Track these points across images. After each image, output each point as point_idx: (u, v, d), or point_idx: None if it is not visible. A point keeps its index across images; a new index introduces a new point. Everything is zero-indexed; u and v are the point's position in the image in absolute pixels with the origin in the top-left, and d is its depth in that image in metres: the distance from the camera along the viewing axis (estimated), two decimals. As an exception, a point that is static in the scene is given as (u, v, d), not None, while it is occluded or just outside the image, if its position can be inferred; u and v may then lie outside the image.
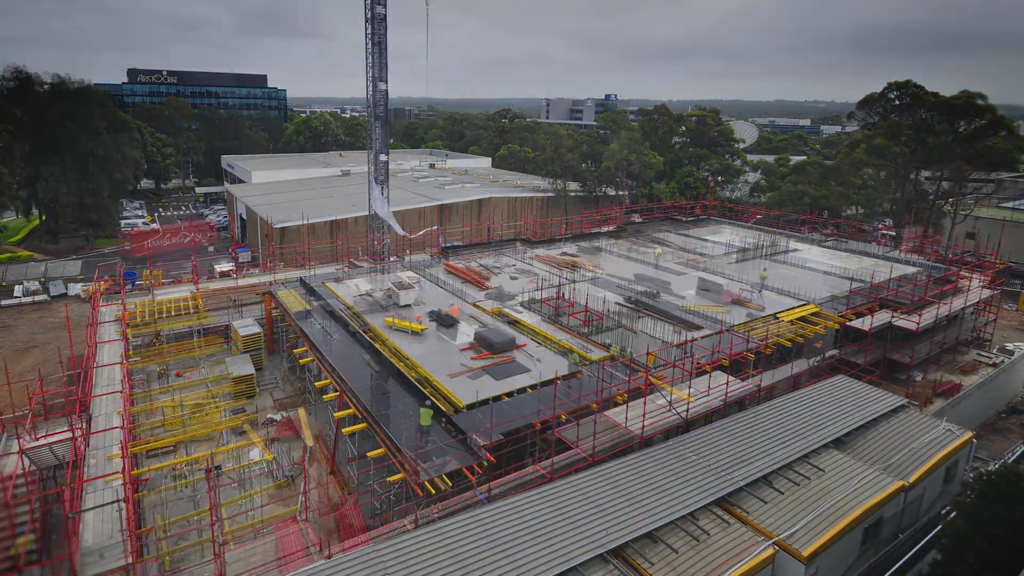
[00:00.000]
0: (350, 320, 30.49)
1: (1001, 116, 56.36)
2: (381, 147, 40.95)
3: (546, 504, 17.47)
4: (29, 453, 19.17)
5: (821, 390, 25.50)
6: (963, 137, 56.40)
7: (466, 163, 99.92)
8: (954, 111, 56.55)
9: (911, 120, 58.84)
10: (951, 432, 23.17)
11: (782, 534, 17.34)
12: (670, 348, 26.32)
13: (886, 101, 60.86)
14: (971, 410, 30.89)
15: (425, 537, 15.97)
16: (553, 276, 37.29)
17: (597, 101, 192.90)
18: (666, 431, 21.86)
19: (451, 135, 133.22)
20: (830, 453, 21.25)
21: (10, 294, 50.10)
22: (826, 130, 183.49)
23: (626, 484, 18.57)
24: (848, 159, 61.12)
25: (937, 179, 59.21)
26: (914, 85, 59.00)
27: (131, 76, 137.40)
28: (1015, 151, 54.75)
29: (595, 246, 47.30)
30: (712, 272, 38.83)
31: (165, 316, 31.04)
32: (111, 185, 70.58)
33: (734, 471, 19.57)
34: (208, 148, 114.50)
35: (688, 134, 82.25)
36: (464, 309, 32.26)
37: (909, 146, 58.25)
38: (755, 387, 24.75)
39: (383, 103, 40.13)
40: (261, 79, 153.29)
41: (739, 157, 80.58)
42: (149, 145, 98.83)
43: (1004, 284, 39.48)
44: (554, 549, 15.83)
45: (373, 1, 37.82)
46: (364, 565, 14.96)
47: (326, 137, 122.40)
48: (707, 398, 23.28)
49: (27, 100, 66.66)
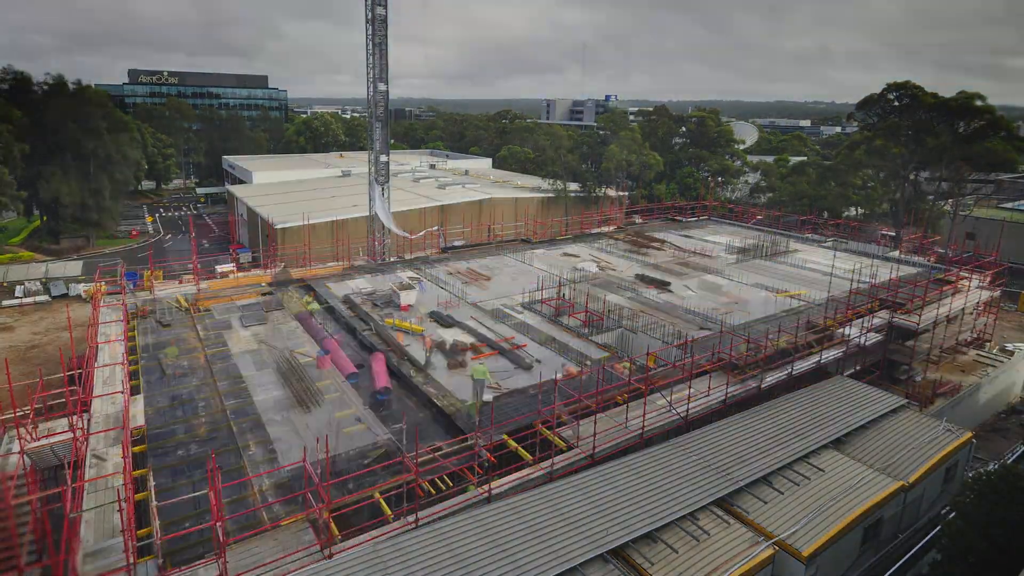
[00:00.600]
0: (351, 320, 30.56)
1: (1000, 117, 56.45)
2: (382, 148, 41.02)
3: (546, 504, 17.52)
4: (30, 453, 19.22)
5: (821, 390, 25.54)
6: (962, 138, 56.46)
7: (466, 164, 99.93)
8: (953, 112, 56.64)
9: (910, 121, 58.92)
10: (951, 432, 23.21)
11: (782, 534, 17.38)
12: (670, 348, 26.37)
13: (885, 102, 60.95)
14: (971, 410, 30.93)
15: (425, 537, 16.03)
16: (553, 276, 37.36)
17: (597, 102, 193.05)
18: (666, 431, 21.90)
19: (451, 136, 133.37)
20: (830, 453, 21.29)
21: (11, 294, 50.17)
22: (826, 131, 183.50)
23: (626, 484, 18.62)
24: (847, 160, 61.22)
25: (936, 180, 59.27)
26: (913, 86, 59.11)
27: (132, 76, 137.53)
28: (1014, 152, 54.82)
29: (597, 245, 47.35)
30: (712, 273, 38.92)
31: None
32: (112, 185, 70.67)
33: (734, 471, 19.61)
34: (209, 149, 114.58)
35: (688, 135, 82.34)
36: (465, 311, 32.33)
37: (908, 147, 58.31)
38: (755, 388, 24.78)
39: (383, 104, 40.20)
40: (262, 79, 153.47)
41: (739, 158, 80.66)
42: (150, 145, 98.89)
43: (1004, 284, 39.49)
44: (554, 549, 15.88)
45: (374, 2, 37.89)
46: (364, 564, 15.01)
47: (327, 138, 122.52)
48: (707, 398, 23.33)
49: (27, 100, 66.74)
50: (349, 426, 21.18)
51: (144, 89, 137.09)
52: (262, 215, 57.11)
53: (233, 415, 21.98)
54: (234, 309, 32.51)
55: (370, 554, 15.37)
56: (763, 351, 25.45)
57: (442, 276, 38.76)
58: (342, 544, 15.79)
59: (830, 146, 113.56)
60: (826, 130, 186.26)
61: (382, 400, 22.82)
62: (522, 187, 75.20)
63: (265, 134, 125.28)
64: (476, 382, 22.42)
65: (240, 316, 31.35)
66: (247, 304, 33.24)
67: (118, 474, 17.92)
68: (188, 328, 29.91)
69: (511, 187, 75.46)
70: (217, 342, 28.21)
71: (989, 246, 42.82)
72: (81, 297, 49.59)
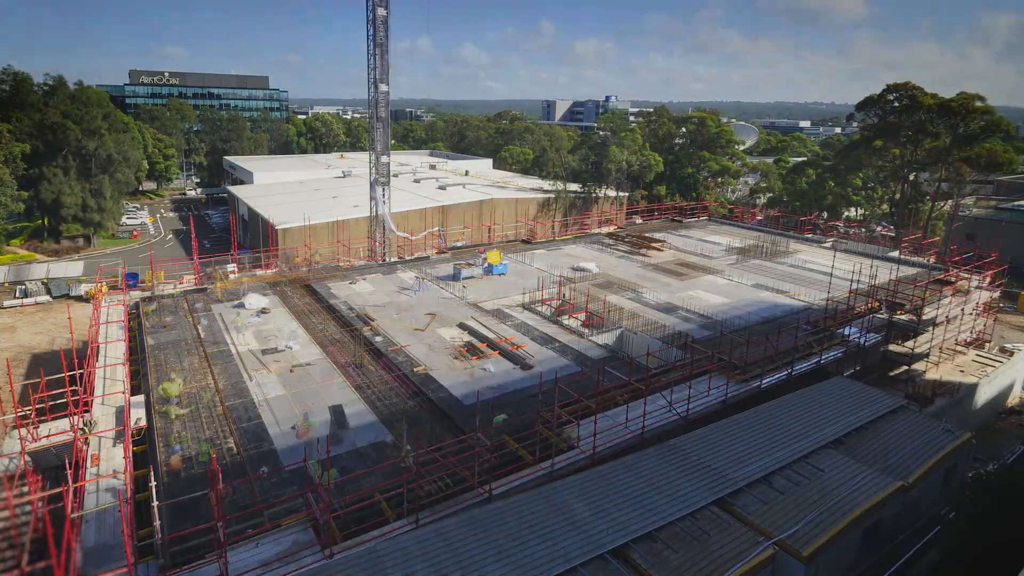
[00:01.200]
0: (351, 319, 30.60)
1: (999, 118, 56.49)
2: (382, 148, 41.09)
3: (546, 504, 17.55)
4: (31, 453, 19.28)
5: (820, 391, 25.54)
6: (961, 139, 56.53)
7: (467, 164, 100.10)
8: (952, 113, 56.69)
9: (910, 121, 58.99)
10: (950, 433, 23.20)
11: (782, 534, 17.37)
12: (670, 349, 26.40)
13: (885, 103, 60.99)
14: (970, 411, 30.96)
15: (425, 537, 16.06)
16: (554, 276, 37.42)
17: (598, 103, 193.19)
18: (666, 432, 21.94)
19: (452, 136, 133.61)
20: (829, 454, 21.30)
21: (12, 295, 50.25)
22: (826, 131, 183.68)
23: (626, 484, 18.64)
24: (847, 160, 61.28)
25: (936, 180, 59.33)
26: (912, 87, 59.15)
27: (132, 77, 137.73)
28: (1013, 152, 54.88)
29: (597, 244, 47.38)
30: (713, 273, 38.96)
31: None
32: (113, 186, 70.80)
33: (734, 472, 19.63)
34: (210, 149, 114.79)
35: (688, 135, 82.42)
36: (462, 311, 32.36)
37: (907, 147, 58.38)
38: (755, 388, 24.82)
39: (384, 104, 40.28)
40: (263, 80, 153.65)
41: (739, 159, 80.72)
42: (151, 146, 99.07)
43: (1004, 285, 39.52)
44: (555, 549, 15.91)
45: (375, 3, 37.98)
46: (364, 564, 15.04)
47: (328, 138, 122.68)
48: (707, 398, 23.37)
49: (27, 101, 66.90)
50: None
51: (145, 90, 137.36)
52: (263, 215, 57.20)
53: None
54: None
55: (370, 554, 15.41)
56: (764, 351, 25.49)
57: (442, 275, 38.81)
58: (342, 544, 15.84)
59: (830, 147, 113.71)
60: (826, 131, 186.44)
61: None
62: (522, 188, 75.32)
63: (266, 135, 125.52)
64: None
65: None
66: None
67: (119, 474, 17.98)
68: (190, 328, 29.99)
69: (512, 188, 75.57)
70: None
71: (989, 246, 42.87)
72: (82, 297, 49.67)
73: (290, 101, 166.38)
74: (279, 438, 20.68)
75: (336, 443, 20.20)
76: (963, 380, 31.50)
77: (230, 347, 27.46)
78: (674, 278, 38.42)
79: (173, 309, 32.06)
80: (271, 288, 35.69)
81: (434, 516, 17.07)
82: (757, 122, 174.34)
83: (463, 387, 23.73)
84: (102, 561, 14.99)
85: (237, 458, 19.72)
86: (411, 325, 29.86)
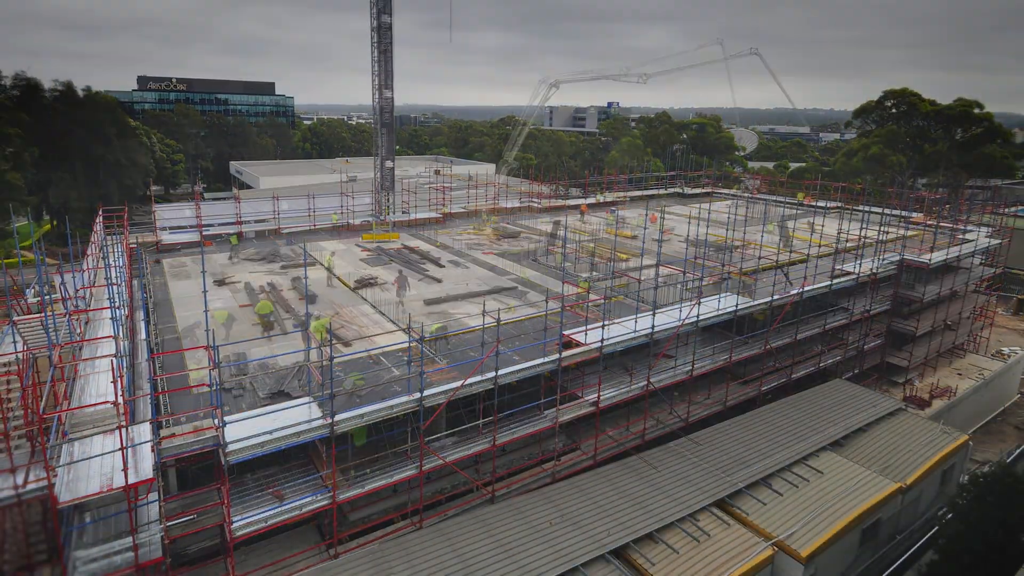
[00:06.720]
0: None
1: (997, 124, 56.83)
2: (387, 153, 41.61)
3: (549, 505, 17.85)
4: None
5: (819, 393, 25.85)
6: (960, 145, 56.85)
7: (470, 169, 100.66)
8: (950, 119, 57.05)
9: (908, 128, 59.35)
10: (947, 435, 23.50)
11: (781, 535, 17.66)
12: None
13: (882, 109, 61.38)
14: (967, 413, 31.19)
15: (429, 537, 16.34)
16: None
17: (600, 108, 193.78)
18: (667, 433, 22.24)
19: (456, 142, 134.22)
20: (828, 455, 21.59)
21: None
22: (825, 137, 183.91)
23: (627, 485, 18.95)
24: (846, 166, 61.63)
25: (934, 186, 59.62)
26: (910, 93, 59.53)
27: (140, 83, 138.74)
28: (1011, 158, 55.22)
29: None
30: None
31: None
32: (121, 191, 71.47)
33: (734, 473, 19.93)
34: (216, 154, 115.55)
35: (689, 141, 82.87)
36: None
37: (906, 154, 58.71)
38: (755, 391, 25.14)
39: (389, 110, 40.80)
40: (269, 86, 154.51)
41: (739, 164, 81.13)
42: (158, 151, 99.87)
43: (1000, 289, 39.74)
44: (557, 549, 16.18)
45: (379, 10, 38.51)
46: (369, 564, 15.32)
47: (333, 144, 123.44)
48: (708, 401, 23.69)
49: (36, 106, 67.63)
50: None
51: (152, 95, 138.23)
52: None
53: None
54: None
55: (375, 554, 15.68)
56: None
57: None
58: (347, 544, 16.12)
59: (829, 152, 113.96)
60: (825, 136, 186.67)
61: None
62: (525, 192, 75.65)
63: (272, 140, 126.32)
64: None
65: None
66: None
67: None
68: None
69: (514, 192, 75.93)
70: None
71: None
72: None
73: (296, 107, 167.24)
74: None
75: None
76: (960, 383, 31.78)
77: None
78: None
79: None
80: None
81: (438, 517, 17.37)
82: (757, 128, 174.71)
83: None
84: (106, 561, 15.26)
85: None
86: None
